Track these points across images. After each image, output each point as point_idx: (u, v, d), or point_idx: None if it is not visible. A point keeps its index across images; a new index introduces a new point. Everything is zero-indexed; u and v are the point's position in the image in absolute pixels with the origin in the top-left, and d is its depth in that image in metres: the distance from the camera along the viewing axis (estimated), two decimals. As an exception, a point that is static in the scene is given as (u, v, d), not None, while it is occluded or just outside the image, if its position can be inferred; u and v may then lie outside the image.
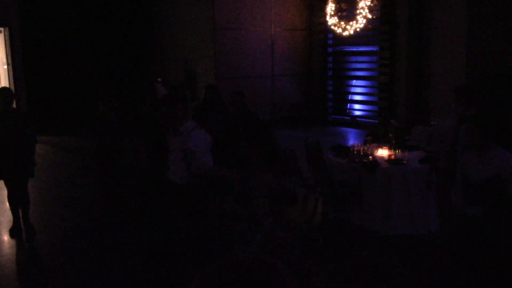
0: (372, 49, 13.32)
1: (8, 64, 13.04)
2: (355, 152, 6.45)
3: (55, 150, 11.37)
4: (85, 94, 12.72)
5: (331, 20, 12.98)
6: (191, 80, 13.59)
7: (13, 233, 6.30)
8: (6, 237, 6.37)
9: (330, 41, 14.46)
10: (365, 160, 6.18)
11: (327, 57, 14.58)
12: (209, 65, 13.19)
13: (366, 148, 6.57)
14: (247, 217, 4.17)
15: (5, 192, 6.39)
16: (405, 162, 6.12)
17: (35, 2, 13.07)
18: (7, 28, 12.82)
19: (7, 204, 6.53)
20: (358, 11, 12.37)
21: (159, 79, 11.82)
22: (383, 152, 6.52)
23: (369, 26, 12.59)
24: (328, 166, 6.39)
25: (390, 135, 6.58)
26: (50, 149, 11.23)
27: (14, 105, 6.36)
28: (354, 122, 13.82)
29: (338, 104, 14.81)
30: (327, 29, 13.89)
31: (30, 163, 6.18)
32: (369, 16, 12.31)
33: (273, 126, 9.70)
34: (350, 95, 14.46)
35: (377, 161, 6.17)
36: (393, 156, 6.29)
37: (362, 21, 12.35)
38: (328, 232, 6.38)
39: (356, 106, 14.30)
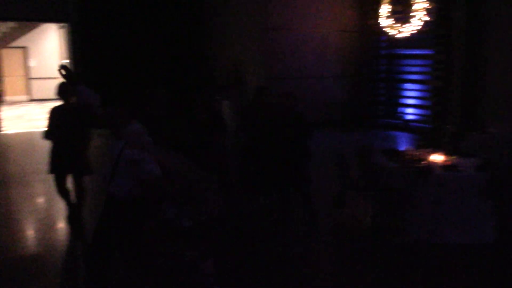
0: (426, 52, 13.04)
1: (67, 59, 13.54)
2: (408, 157, 6.36)
3: (108, 143, 11.68)
4: (139, 90, 13.02)
5: (386, 22, 12.81)
6: (239, 80, 13.67)
7: (69, 220, 6.52)
8: (62, 224, 6.62)
9: (383, 44, 14.28)
10: (418, 165, 6.08)
11: (379, 60, 14.40)
12: (259, 65, 13.26)
13: (419, 153, 6.47)
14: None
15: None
16: (460, 169, 5.98)
17: (95, 0, 13.50)
18: (67, 24, 13.31)
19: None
20: (413, 13, 12.15)
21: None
22: (437, 158, 6.40)
23: (425, 28, 12.34)
24: (379, 170, 6.32)
25: (445, 140, 6.45)
26: (104, 142, 11.56)
27: (73, 100, 6.52)
28: (406, 126, 13.57)
29: (390, 108, 14.59)
30: (380, 31, 13.72)
31: (86, 159, 6.36)
32: (425, 18, 12.07)
33: (322, 128, 9.64)
34: (402, 99, 14.22)
35: (431, 166, 6.05)
36: (448, 162, 6.16)
37: (418, 23, 12.13)
38: (377, 238, 6.31)
39: (408, 110, 14.04)
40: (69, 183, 6.38)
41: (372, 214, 6.72)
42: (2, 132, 12.95)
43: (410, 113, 13.95)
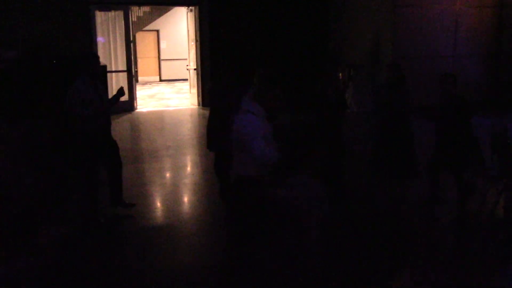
0: None
1: (196, 41, 14.10)
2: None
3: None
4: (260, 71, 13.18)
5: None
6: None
7: (222, 195, 6.71)
8: (191, 197, 6.98)
9: (525, 19, 13.06)
10: None
11: (519, 37, 13.22)
12: (387, 43, 12.78)
13: None
14: None
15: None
16: None
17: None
18: (197, 7, 13.83)
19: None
20: None
21: None
22: None
23: None
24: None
25: None
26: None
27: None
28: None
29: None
30: (522, 6, 12.57)
31: None
32: None
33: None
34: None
35: None
36: None
37: None
38: (510, 229, 5.85)
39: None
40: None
41: (505, 203, 6.25)
42: (136, 110, 13.92)
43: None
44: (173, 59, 20.81)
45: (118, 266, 4.99)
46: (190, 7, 14.17)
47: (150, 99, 16.64)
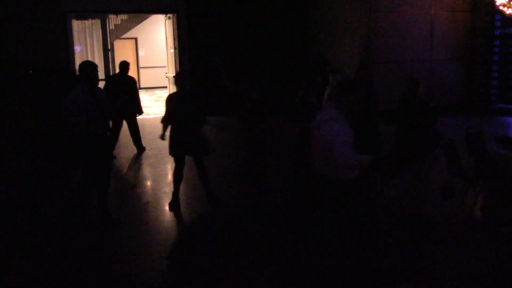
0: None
1: (175, 48, 14.07)
2: (526, 145, 5.90)
3: (212, 128, 12.03)
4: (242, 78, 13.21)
5: (501, 0, 11.91)
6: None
7: (172, 206, 6.80)
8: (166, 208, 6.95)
9: (498, 23, 13.31)
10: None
11: (493, 41, 13.46)
12: (364, 48, 12.91)
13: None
14: None
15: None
16: None
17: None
18: (175, 15, 13.82)
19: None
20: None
21: None
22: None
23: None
24: (492, 158, 5.93)
25: None
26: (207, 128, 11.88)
27: (188, 86, 6.81)
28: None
29: (504, 92, 13.61)
30: (494, 10, 12.80)
31: (204, 142, 6.68)
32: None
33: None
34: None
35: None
36: None
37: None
38: (489, 229, 5.93)
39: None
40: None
41: (483, 204, 6.34)
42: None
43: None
44: (152, 67, 20.73)
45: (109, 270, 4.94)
46: (168, 15, 14.15)
47: (129, 107, 16.46)
